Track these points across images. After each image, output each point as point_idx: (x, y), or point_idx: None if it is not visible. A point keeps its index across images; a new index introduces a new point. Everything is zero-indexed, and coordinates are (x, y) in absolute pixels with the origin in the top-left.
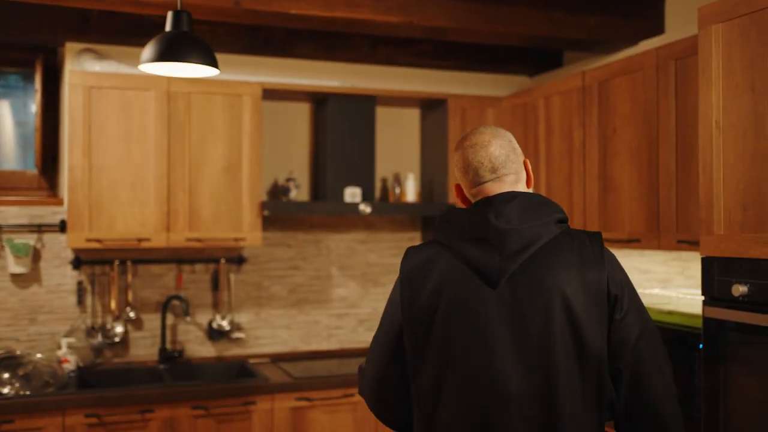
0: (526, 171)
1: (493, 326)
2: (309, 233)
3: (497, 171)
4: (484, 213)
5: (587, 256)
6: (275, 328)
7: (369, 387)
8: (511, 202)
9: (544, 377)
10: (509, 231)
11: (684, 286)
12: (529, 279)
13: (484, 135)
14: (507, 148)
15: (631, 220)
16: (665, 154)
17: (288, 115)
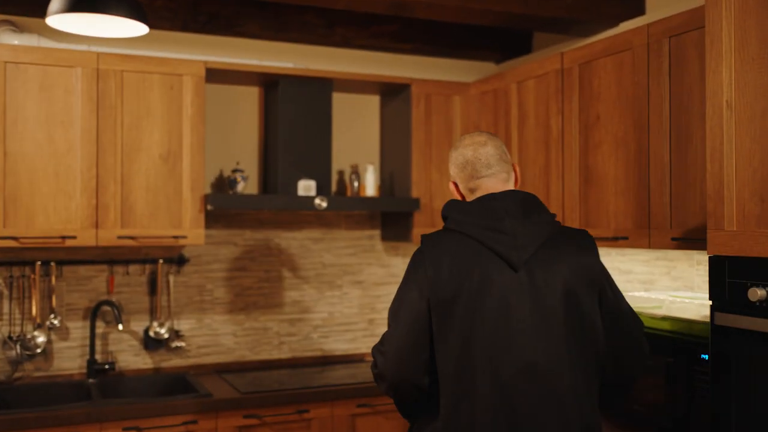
0: (515, 173)
1: (516, 306)
2: (258, 231)
3: (492, 167)
4: (495, 207)
5: (581, 246)
6: (220, 336)
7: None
8: (515, 199)
9: (557, 354)
10: (520, 224)
11: (670, 288)
12: (541, 267)
13: (481, 136)
14: (500, 149)
15: (617, 215)
16: (657, 142)
17: (235, 99)
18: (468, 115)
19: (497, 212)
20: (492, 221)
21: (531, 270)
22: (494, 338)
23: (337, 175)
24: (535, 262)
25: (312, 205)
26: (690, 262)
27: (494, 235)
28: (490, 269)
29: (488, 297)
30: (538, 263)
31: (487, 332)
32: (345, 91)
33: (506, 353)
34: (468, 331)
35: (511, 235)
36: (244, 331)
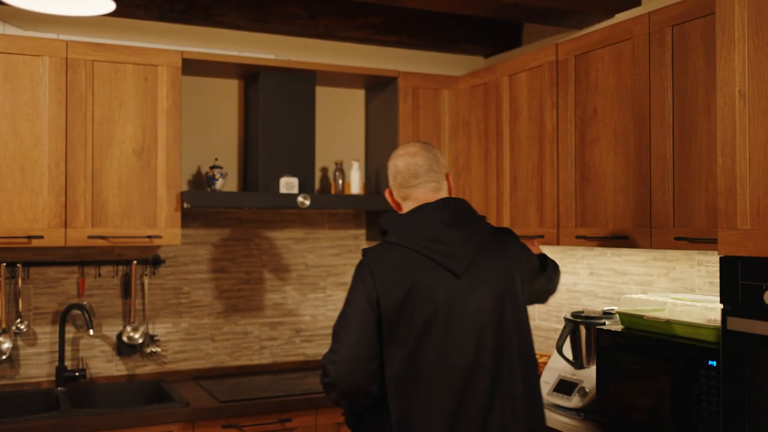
0: (447, 182)
1: (461, 312)
2: (238, 230)
3: (420, 177)
4: (430, 217)
5: (512, 244)
6: (197, 341)
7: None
8: (449, 208)
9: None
10: (457, 232)
11: (669, 290)
12: (481, 271)
13: (413, 147)
14: (431, 160)
15: (616, 214)
16: (658, 137)
17: (214, 92)
18: (457, 110)
19: (434, 223)
20: (430, 232)
21: (472, 276)
22: (441, 345)
23: (321, 173)
24: (475, 267)
25: (294, 204)
26: (690, 262)
27: (434, 245)
28: (434, 278)
29: (433, 306)
30: (478, 268)
31: (433, 339)
32: (329, 84)
33: (452, 359)
34: (416, 338)
35: (449, 244)
36: (223, 336)
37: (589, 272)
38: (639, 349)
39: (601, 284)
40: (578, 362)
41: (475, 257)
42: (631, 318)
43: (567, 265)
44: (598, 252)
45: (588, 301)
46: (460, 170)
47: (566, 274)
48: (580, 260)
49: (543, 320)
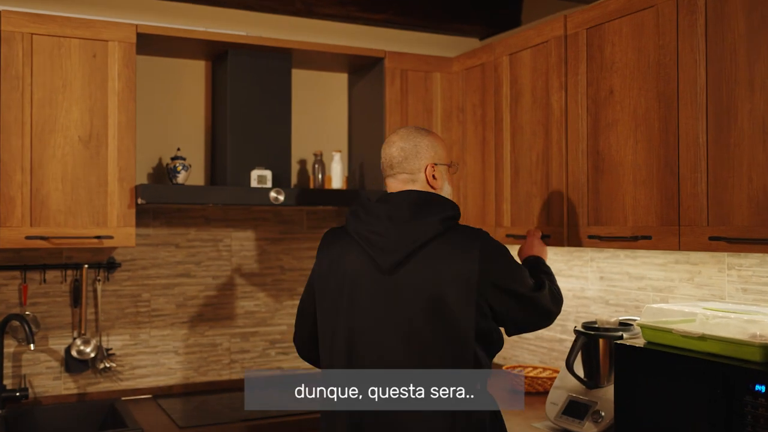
0: (425, 174)
1: (380, 310)
2: (204, 229)
3: (394, 168)
4: (380, 209)
5: (465, 251)
6: (159, 354)
7: (298, 345)
8: (404, 201)
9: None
10: (399, 227)
11: (693, 297)
12: (411, 271)
13: (396, 135)
14: (408, 151)
15: (637, 210)
16: (689, 119)
17: (177, 74)
18: (450, 95)
19: (380, 215)
20: (373, 224)
21: (400, 274)
22: (355, 340)
23: (299, 165)
24: (406, 266)
25: (266, 199)
26: (719, 266)
27: (371, 237)
28: (362, 271)
29: (354, 299)
30: (409, 267)
31: (349, 333)
32: (307, 67)
33: (365, 357)
34: (335, 329)
35: (385, 238)
36: (188, 349)
37: (599, 276)
38: (667, 369)
39: (613, 290)
40: (591, 381)
41: (410, 256)
42: (657, 331)
43: (574, 269)
44: (609, 254)
45: (598, 309)
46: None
47: (573, 278)
48: (588, 263)
49: (546, 330)
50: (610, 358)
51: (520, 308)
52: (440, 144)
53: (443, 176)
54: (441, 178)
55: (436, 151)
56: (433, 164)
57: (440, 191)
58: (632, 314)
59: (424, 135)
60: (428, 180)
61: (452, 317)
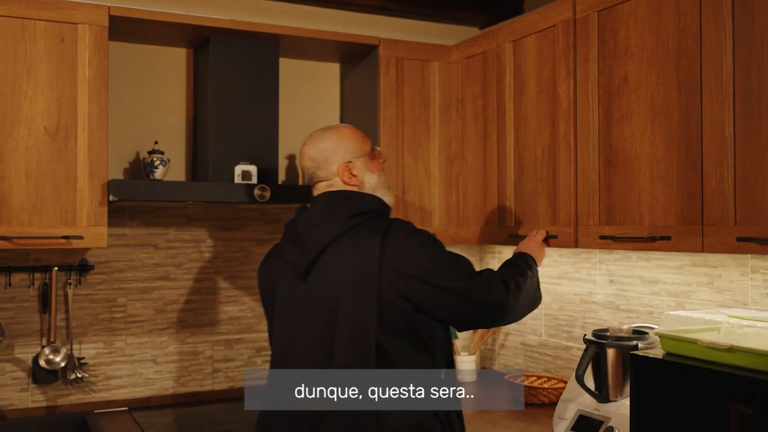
0: (340, 177)
1: (298, 315)
2: (185, 229)
3: (312, 179)
4: (297, 219)
5: (367, 242)
6: (135, 364)
7: None
8: (317, 204)
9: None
10: (307, 233)
11: (712, 302)
12: (319, 271)
13: (305, 145)
14: (317, 159)
15: (654, 208)
16: (714, 108)
17: (156, 63)
18: (449, 86)
19: (299, 222)
20: (292, 235)
21: (311, 278)
22: (281, 347)
23: (287, 160)
24: (314, 269)
25: (250, 197)
26: (742, 269)
27: (291, 249)
28: (283, 281)
29: (278, 307)
30: (317, 270)
31: (276, 340)
32: (296, 56)
33: (289, 363)
34: (270, 336)
35: (299, 243)
36: (168, 357)
37: (608, 280)
38: (690, 383)
39: (624, 295)
40: (603, 394)
41: (320, 257)
42: (679, 342)
43: (581, 271)
44: (620, 255)
45: (607, 315)
46: (453, 158)
47: (579, 281)
48: (596, 265)
49: (551, 336)
50: (623, 370)
51: (448, 300)
52: (348, 138)
53: (363, 169)
54: (360, 172)
55: (345, 148)
56: (346, 163)
57: (363, 186)
58: (645, 321)
59: (328, 137)
60: (345, 181)
61: (352, 310)
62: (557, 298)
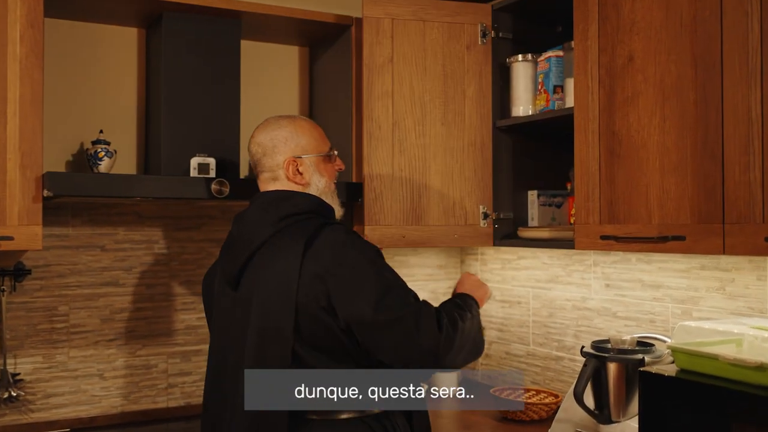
0: (287, 171)
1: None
2: (137, 229)
3: (256, 167)
4: (234, 221)
5: (289, 250)
6: (80, 379)
7: None
8: (250, 207)
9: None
10: (239, 237)
11: (724, 310)
12: (247, 279)
13: (257, 128)
14: (266, 145)
15: (665, 204)
16: (737, 88)
17: (104, 43)
18: None
19: (236, 225)
20: (230, 234)
21: (242, 286)
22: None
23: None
24: (245, 274)
25: (206, 192)
26: (759, 272)
27: (225, 249)
28: (219, 290)
29: (213, 317)
30: (245, 278)
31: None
32: (261, 38)
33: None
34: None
35: (231, 248)
36: (117, 372)
37: (604, 284)
38: (712, 406)
39: (622, 300)
40: (604, 414)
41: (247, 263)
42: (696, 357)
43: (573, 275)
44: (618, 257)
45: (603, 323)
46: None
47: (572, 285)
48: (591, 268)
49: (539, 345)
50: (627, 387)
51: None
52: (305, 132)
53: (312, 169)
54: (308, 172)
55: (298, 142)
56: (294, 158)
57: (308, 188)
58: (647, 329)
59: (284, 125)
60: (289, 177)
61: (268, 320)
62: (547, 304)
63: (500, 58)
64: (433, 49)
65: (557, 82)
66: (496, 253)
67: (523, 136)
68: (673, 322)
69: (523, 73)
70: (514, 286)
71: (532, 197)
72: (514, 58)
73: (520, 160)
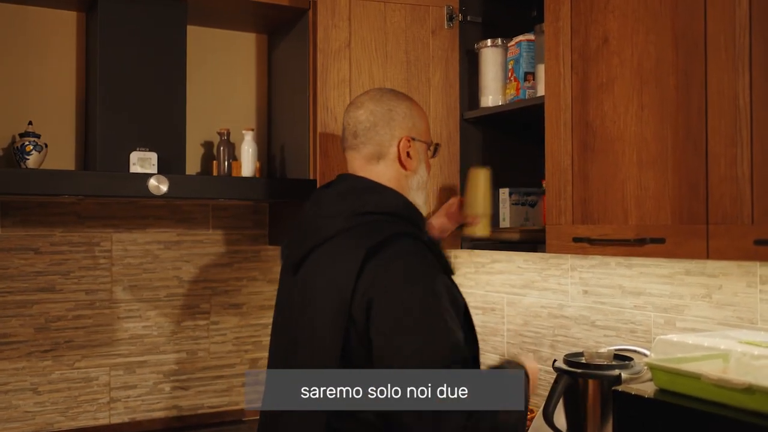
0: (397, 150)
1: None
2: (75, 230)
3: (358, 137)
4: (311, 199)
5: (350, 254)
6: (10, 394)
7: None
8: (332, 188)
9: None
10: (309, 221)
11: (710, 320)
12: (308, 270)
13: (366, 95)
14: (380, 116)
15: (644, 202)
16: (723, 72)
17: (39, 27)
18: None
19: (311, 206)
20: (302, 214)
21: (299, 275)
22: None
23: (204, 148)
24: (303, 266)
25: (144, 189)
26: (749, 278)
27: (295, 229)
28: (283, 266)
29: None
30: (305, 268)
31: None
32: (210, 23)
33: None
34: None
35: (299, 232)
36: (52, 386)
37: (582, 290)
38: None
39: (601, 308)
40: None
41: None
42: (677, 377)
43: (549, 279)
44: (596, 261)
45: (581, 333)
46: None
47: (548, 291)
48: (568, 272)
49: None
50: (603, 405)
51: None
52: (421, 115)
53: (420, 156)
54: (417, 158)
55: (415, 122)
56: (410, 138)
57: (412, 176)
58: (627, 340)
59: (402, 99)
60: (401, 158)
61: (318, 333)
62: (522, 312)
63: (468, 44)
64: (394, 33)
65: (528, 68)
66: (470, 256)
67: (494, 129)
68: (655, 333)
69: (492, 60)
70: (488, 291)
71: (504, 196)
72: (482, 43)
73: (490, 155)
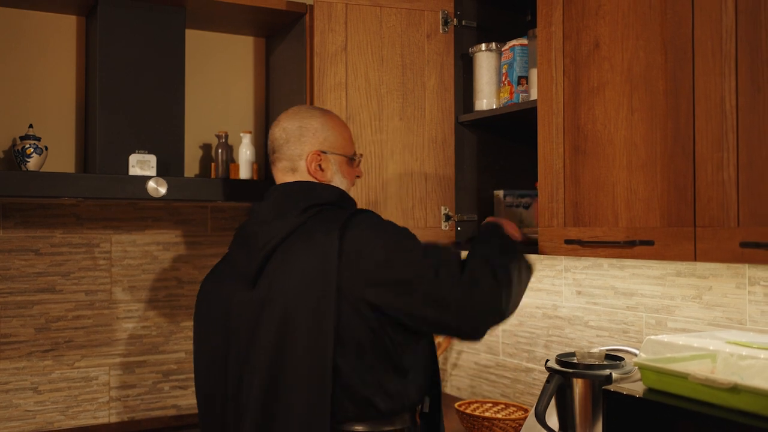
0: (307, 163)
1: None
2: (75, 231)
3: (275, 153)
4: (248, 217)
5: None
6: (11, 393)
7: None
8: (266, 200)
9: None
10: (255, 232)
11: (701, 320)
12: (268, 277)
13: (284, 113)
14: (291, 132)
15: (633, 205)
16: (710, 77)
17: (39, 31)
18: None
19: (249, 218)
20: (243, 229)
21: (259, 287)
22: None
23: (202, 150)
24: (265, 272)
25: (142, 191)
26: (738, 280)
27: (238, 245)
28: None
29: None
30: (268, 274)
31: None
32: (209, 27)
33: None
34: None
35: (247, 244)
36: (53, 385)
37: (575, 291)
38: (684, 430)
39: (594, 309)
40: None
41: (268, 261)
42: (664, 376)
43: (544, 281)
44: (590, 263)
45: (575, 333)
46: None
47: (542, 292)
48: (562, 274)
49: (509, 356)
50: (593, 404)
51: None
52: (337, 129)
53: (334, 168)
54: (330, 170)
55: (327, 136)
56: (319, 152)
57: None
58: (619, 340)
59: (316, 116)
60: (309, 171)
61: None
62: (517, 312)
63: (463, 48)
64: (390, 37)
65: (522, 72)
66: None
67: (489, 132)
68: (647, 333)
69: (487, 64)
70: None
71: (498, 198)
72: (477, 47)
73: (485, 157)
